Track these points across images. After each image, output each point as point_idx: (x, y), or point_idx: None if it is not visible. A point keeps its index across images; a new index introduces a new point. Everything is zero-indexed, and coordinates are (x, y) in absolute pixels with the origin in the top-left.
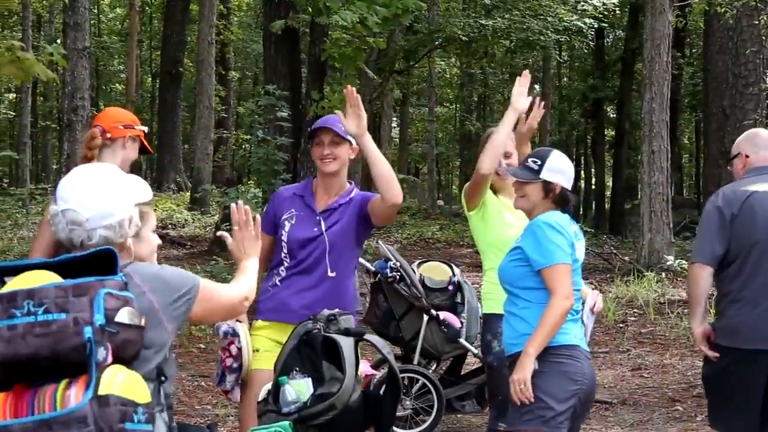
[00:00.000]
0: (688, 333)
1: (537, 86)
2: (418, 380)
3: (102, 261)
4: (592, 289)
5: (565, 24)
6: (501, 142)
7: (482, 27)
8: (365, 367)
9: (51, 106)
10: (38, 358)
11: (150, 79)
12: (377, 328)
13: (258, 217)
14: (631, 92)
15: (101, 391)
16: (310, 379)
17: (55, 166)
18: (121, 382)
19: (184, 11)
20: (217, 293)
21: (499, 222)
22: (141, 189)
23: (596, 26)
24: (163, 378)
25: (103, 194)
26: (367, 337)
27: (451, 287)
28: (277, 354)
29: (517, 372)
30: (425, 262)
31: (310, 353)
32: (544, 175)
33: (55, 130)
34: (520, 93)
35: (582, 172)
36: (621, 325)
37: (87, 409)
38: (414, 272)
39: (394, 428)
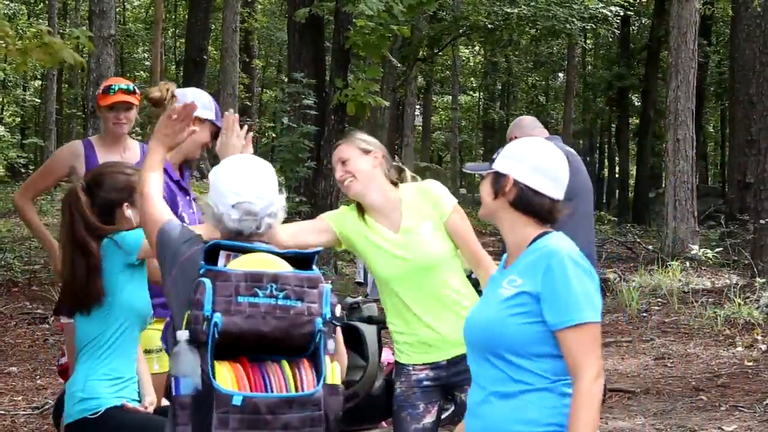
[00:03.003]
0: (712, 322)
1: (561, 74)
2: None
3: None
4: None
5: (591, 12)
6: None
7: (507, 15)
8: (388, 355)
9: (76, 93)
10: (269, 338)
11: (174, 66)
12: None
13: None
14: (657, 80)
15: (329, 380)
16: None
17: None
18: (338, 374)
19: None
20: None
21: (380, 257)
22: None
23: (622, 14)
24: None
25: (266, 185)
26: None
27: (474, 275)
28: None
29: None
30: None
31: None
32: (497, 164)
33: (80, 117)
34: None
35: (606, 160)
36: (644, 315)
37: (320, 395)
38: None
39: None
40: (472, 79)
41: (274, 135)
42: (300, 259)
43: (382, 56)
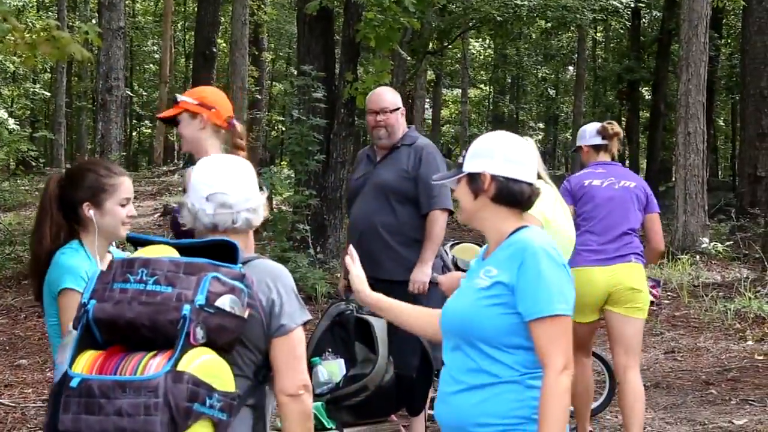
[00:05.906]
0: (722, 316)
1: (571, 68)
2: None
3: (225, 251)
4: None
5: (602, 3)
6: None
7: (517, 7)
8: None
9: (85, 86)
10: (137, 325)
11: (183, 59)
12: None
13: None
14: (667, 73)
15: (179, 368)
16: (342, 360)
17: (89, 146)
18: (201, 364)
19: None
20: (301, 354)
21: None
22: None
23: (632, 6)
24: (260, 378)
25: (242, 179)
26: None
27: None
28: None
29: None
30: (458, 243)
31: (343, 334)
32: (468, 165)
33: (90, 110)
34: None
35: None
36: (654, 308)
37: (160, 381)
38: (447, 254)
39: (427, 409)
40: (482, 72)
41: (283, 128)
42: (203, 248)
43: (391, 49)
